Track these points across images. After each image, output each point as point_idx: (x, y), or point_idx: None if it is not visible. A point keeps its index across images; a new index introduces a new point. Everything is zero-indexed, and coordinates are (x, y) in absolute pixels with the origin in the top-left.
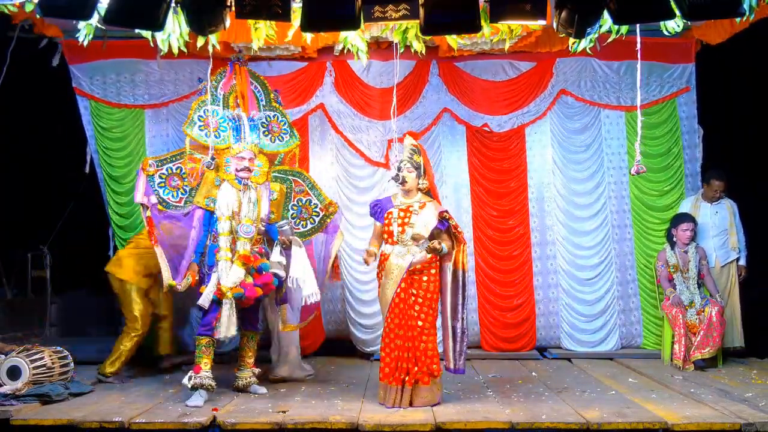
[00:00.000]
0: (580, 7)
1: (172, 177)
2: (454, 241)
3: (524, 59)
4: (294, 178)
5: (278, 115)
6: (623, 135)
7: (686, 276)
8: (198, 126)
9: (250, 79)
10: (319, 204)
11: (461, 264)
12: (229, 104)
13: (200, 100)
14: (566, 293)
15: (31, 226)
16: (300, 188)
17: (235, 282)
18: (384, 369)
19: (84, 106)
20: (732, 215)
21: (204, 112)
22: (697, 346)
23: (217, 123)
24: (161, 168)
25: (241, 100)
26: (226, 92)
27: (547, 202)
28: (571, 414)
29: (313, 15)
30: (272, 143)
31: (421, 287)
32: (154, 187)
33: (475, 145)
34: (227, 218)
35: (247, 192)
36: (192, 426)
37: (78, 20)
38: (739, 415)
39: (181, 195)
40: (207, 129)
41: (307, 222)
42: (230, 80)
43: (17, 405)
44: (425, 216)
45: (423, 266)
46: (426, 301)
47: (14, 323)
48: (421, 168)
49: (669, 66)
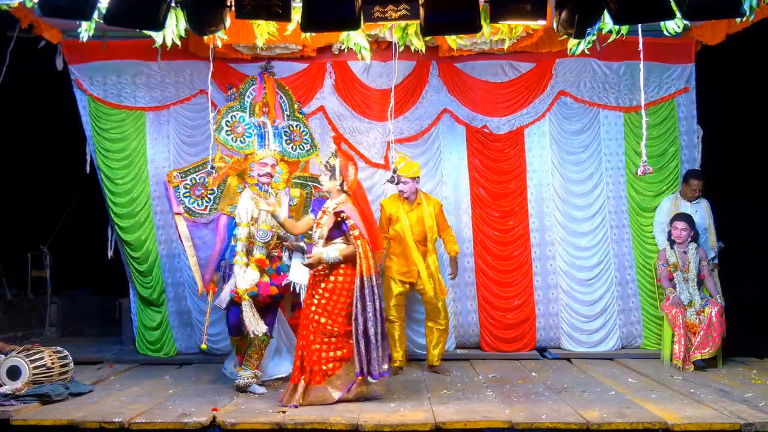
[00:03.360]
0: (580, 7)
1: (196, 186)
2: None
3: (524, 60)
4: (314, 184)
5: (300, 124)
6: (621, 136)
7: (686, 276)
8: (225, 131)
9: (277, 89)
10: None
11: (363, 268)
12: (255, 112)
13: (228, 106)
14: (566, 293)
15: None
16: (320, 193)
17: (250, 284)
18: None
19: (83, 106)
20: (708, 214)
21: (231, 117)
22: (696, 347)
23: (243, 129)
24: (185, 179)
25: (267, 109)
26: (255, 101)
27: (546, 203)
28: (570, 414)
29: (313, 15)
30: (294, 151)
31: (318, 291)
32: (180, 198)
33: (475, 145)
34: (246, 224)
35: (267, 199)
36: (192, 426)
37: (78, 20)
38: (739, 416)
39: (206, 203)
40: (233, 134)
41: None
42: (260, 89)
43: (17, 405)
44: (328, 219)
45: (325, 271)
46: (321, 305)
47: (14, 323)
48: (335, 171)
49: (669, 66)
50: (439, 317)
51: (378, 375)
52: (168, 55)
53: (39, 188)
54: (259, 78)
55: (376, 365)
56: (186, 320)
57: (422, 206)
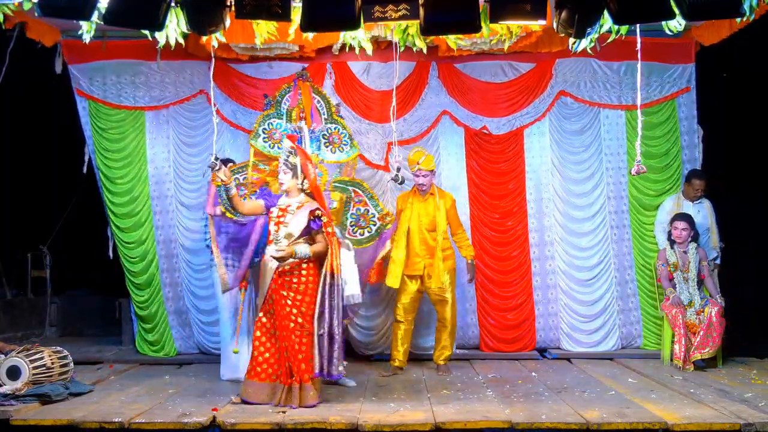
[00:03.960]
0: (580, 7)
1: (239, 187)
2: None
3: (524, 60)
4: (354, 188)
5: (339, 127)
6: (623, 135)
7: (686, 276)
8: (262, 138)
9: (313, 94)
10: (377, 214)
11: (332, 267)
12: (292, 118)
13: (265, 114)
14: (565, 294)
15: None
16: (359, 198)
17: None
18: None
19: (83, 106)
20: (711, 214)
21: (268, 125)
22: (696, 347)
23: (280, 135)
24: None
25: (304, 114)
26: (291, 107)
27: (546, 203)
28: (570, 414)
29: (313, 15)
30: (333, 154)
31: (291, 288)
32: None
33: (473, 147)
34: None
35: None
36: (192, 426)
37: (78, 20)
38: (739, 416)
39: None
40: (270, 141)
41: (365, 231)
42: (296, 95)
43: (17, 405)
44: (299, 216)
45: (292, 267)
46: (296, 303)
47: (14, 323)
48: (297, 169)
49: (669, 66)
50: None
51: (336, 375)
52: (168, 55)
53: (39, 188)
54: (294, 84)
55: (337, 365)
56: (185, 320)
57: (434, 198)
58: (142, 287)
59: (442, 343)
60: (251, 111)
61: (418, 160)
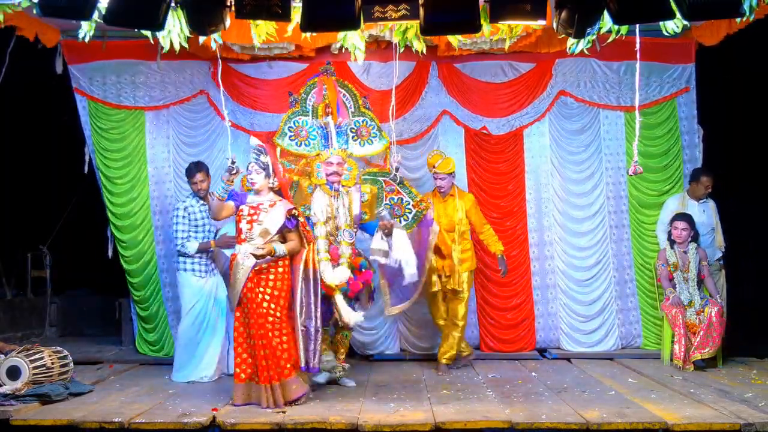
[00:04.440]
0: (580, 7)
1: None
2: (304, 240)
3: (523, 60)
4: (384, 178)
5: (367, 120)
6: (622, 135)
7: (686, 276)
8: (288, 136)
9: (339, 88)
10: (411, 201)
11: (311, 263)
12: (318, 114)
13: (290, 112)
14: (564, 293)
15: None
16: (390, 188)
17: (342, 280)
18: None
19: (83, 106)
20: (715, 214)
21: (294, 123)
22: (696, 346)
23: (307, 132)
24: None
25: (330, 109)
26: (316, 103)
27: (545, 203)
28: (570, 414)
29: (312, 15)
30: (362, 147)
31: (268, 285)
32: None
33: (473, 146)
34: (322, 223)
35: (339, 198)
36: (192, 426)
37: (78, 20)
38: (739, 416)
39: None
40: (297, 138)
41: (401, 219)
42: (320, 91)
43: (17, 405)
44: (274, 214)
45: (269, 265)
46: (274, 299)
47: (14, 323)
48: (269, 168)
49: (669, 66)
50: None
51: (315, 368)
52: (168, 55)
53: (39, 188)
54: (319, 80)
55: (319, 357)
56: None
57: (454, 199)
58: (140, 287)
59: (449, 341)
60: (251, 111)
61: (435, 164)
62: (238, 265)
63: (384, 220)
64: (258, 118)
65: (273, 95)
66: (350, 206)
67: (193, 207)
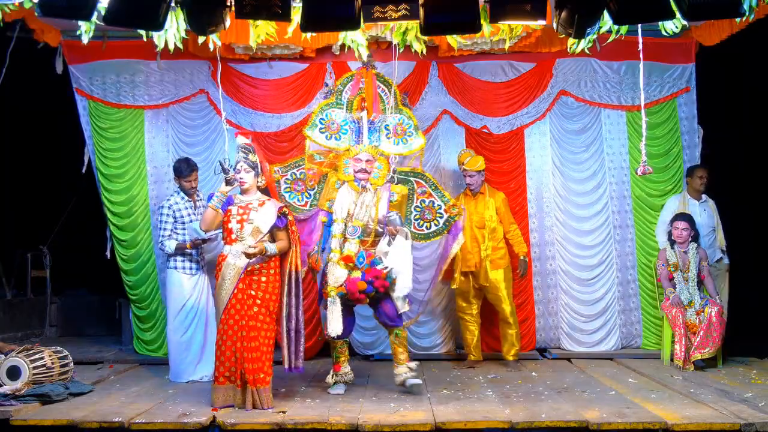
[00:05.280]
0: (580, 7)
1: (297, 182)
2: (291, 241)
3: (524, 60)
4: (416, 179)
5: (404, 118)
6: (624, 135)
7: (686, 276)
8: (319, 128)
9: (378, 83)
10: (443, 205)
11: (294, 264)
12: (353, 108)
13: (323, 104)
14: (565, 293)
15: (31, 226)
16: (422, 189)
17: (335, 283)
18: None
19: (83, 106)
20: (716, 214)
21: (326, 115)
22: (696, 346)
23: (338, 126)
24: (286, 174)
25: (367, 104)
26: (352, 96)
27: (546, 203)
28: (570, 414)
29: (312, 15)
30: (395, 146)
31: (260, 288)
32: (281, 193)
33: (475, 146)
34: (341, 220)
35: (363, 194)
36: (192, 426)
37: (78, 20)
38: (739, 415)
39: (306, 198)
40: (328, 132)
41: (431, 224)
42: (357, 84)
43: (17, 405)
44: (264, 213)
45: (261, 266)
46: (265, 303)
47: (14, 323)
48: (258, 167)
49: (669, 66)
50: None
51: (299, 369)
52: (167, 55)
53: (39, 188)
54: (357, 73)
55: (302, 359)
56: None
57: (484, 197)
58: (138, 286)
59: (508, 340)
60: (251, 111)
61: (464, 161)
62: (229, 265)
63: (392, 224)
64: (258, 118)
65: (273, 95)
66: (377, 205)
67: (179, 204)
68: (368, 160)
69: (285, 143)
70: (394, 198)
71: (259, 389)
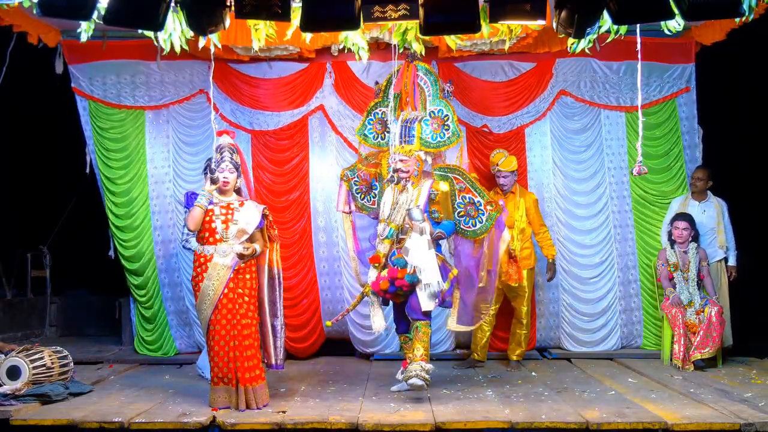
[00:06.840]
0: (579, 7)
1: (362, 183)
2: (266, 240)
3: (524, 60)
4: (453, 174)
5: (443, 110)
6: (624, 135)
7: (686, 276)
8: (368, 129)
9: (421, 74)
10: (482, 201)
11: (275, 262)
12: (396, 104)
13: (373, 103)
14: (567, 292)
15: (31, 226)
16: (461, 185)
17: (365, 281)
18: (215, 371)
19: (83, 106)
20: (720, 214)
21: (374, 115)
22: (696, 346)
23: (382, 126)
24: (354, 176)
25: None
26: (395, 90)
27: (547, 203)
28: (570, 414)
29: (312, 15)
30: (433, 141)
31: (246, 286)
32: (353, 194)
33: (475, 145)
34: (383, 220)
35: (403, 193)
36: (192, 426)
37: (78, 20)
38: (739, 415)
39: (373, 198)
40: (374, 132)
41: (476, 221)
42: (400, 79)
43: (17, 405)
44: (246, 213)
45: (246, 265)
46: (252, 300)
47: (14, 323)
48: (239, 167)
49: (669, 66)
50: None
51: (280, 366)
52: (167, 55)
53: (39, 188)
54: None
55: (282, 356)
56: (185, 319)
57: (515, 196)
58: (142, 287)
59: (516, 339)
60: (251, 110)
61: (497, 162)
62: (217, 265)
63: (413, 220)
64: (258, 118)
65: (273, 94)
66: (415, 203)
67: None
68: (402, 159)
69: (285, 141)
70: (433, 195)
71: (254, 387)
